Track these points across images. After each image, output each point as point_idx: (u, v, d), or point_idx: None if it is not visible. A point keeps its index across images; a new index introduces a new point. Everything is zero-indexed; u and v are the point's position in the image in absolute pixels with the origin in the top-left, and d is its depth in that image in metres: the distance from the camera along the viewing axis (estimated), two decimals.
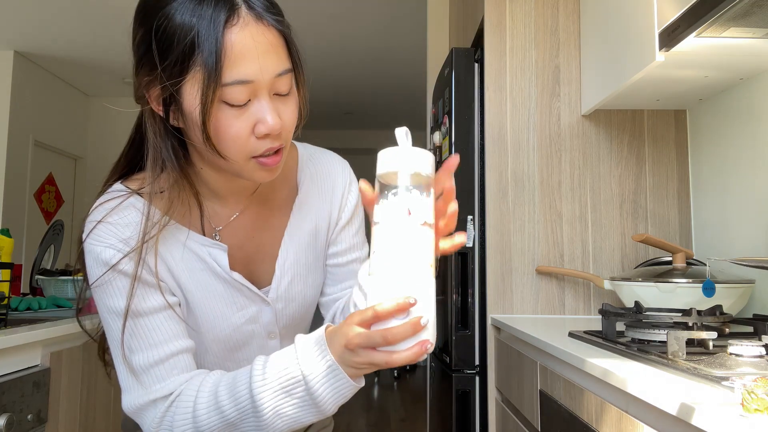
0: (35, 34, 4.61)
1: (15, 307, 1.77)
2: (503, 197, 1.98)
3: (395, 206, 0.71)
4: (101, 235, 0.80)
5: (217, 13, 0.71)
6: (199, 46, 0.71)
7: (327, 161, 0.98)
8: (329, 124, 7.25)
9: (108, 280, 0.80)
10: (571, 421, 1.16)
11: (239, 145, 0.75)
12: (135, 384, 0.81)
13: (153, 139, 0.79)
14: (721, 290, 1.48)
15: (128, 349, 0.80)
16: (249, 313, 0.90)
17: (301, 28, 0.83)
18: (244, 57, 0.72)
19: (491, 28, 2.03)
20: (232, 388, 0.77)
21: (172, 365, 0.81)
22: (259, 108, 0.75)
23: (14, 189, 4.97)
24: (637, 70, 1.50)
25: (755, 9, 1.13)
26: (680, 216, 1.98)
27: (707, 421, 0.69)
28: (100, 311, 0.83)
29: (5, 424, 1.29)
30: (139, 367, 0.80)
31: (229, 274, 0.87)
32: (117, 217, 0.81)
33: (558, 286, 1.95)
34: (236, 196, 0.90)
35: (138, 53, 0.77)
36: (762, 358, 0.94)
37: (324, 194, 0.96)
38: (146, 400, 0.80)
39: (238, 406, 0.76)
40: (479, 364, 1.99)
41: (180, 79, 0.73)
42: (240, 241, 0.90)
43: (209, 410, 0.77)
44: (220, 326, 0.88)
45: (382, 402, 5.16)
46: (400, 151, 0.72)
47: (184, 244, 0.85)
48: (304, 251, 0.93)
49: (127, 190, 0.84)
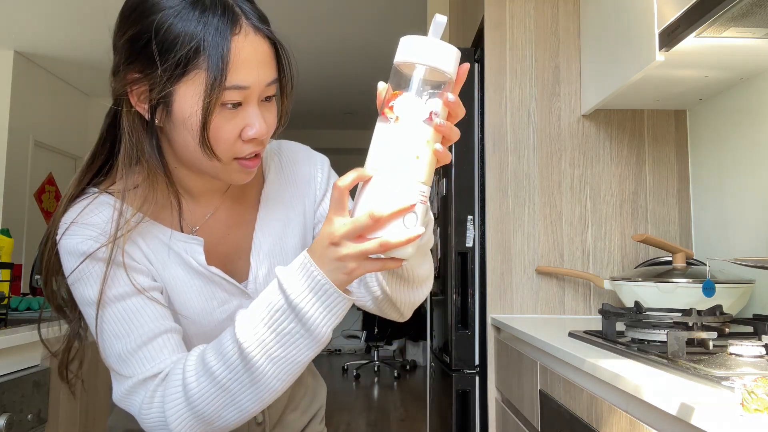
0: (35, 34, 4.61)
1: (15, 307, 1.77)
2: (503, 197, 1.98)
3: (418, 107, 0.67)
4: (77, 232, 0.81)
5: (224, 22, 0.76)
6: (205, 50, 0.75)
7: (291, 149, 1.00)
8: (329, 124, 7.25)
9: (87, 271, 0.80)
10: (571, 421, 1.16)
11: (227, 146, 0.79)
12: (125, 370, 0.79)
13: (129, 137, 0.81)
14: (721, 290, 1.48)
15: (114, 336, 0.80)
16: (231, 307, 0.89)
17: (301, 28, 0.84)
18: (245, 64, 0.76)
19: (491, 27, 2.03)
20: (218, 346, 0.75)
21: (161, 345, 0.80)
22: (250, 113, 0.79)
23: (14, 189, 4.97)
24: (637, 70, 1.50)
25: (755, 9, 1.13)
26: (680, 216, 1.98)
27: (707, 421, 0.69)
28: (81, 306, 0.83)
29: (5, 424, 1.29)
30: (127, 352, 0.79)
31: (207, 269, 0.87)
32: (91, 216, 0.82)
33: (558, 286, 1.95)
34: (209, 195, 0.91)
35: (128, 50, 0.78)
36: (762, 358, 0.94)
37: (291, 182, 0.97)
38: (135, 381, 0.78)
39: (227, 363, 0.73)
40: (479, 364, 1.99)
41: (176, 80, 0.75)
42: (216, 239, 0.91)
43: (198, 376, 0.75)
44: (202, 322, 0.88)
45: (382, 402, 5.16)
46: (432, 43, 0.67)
47: (160, 240, 0.86)
48: (278, 241, 0.94)
49: (98, 190, 0.85)
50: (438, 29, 0.68)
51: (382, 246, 0.67)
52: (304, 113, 6.72)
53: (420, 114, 0.67)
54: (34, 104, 5.25)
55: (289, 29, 4.35)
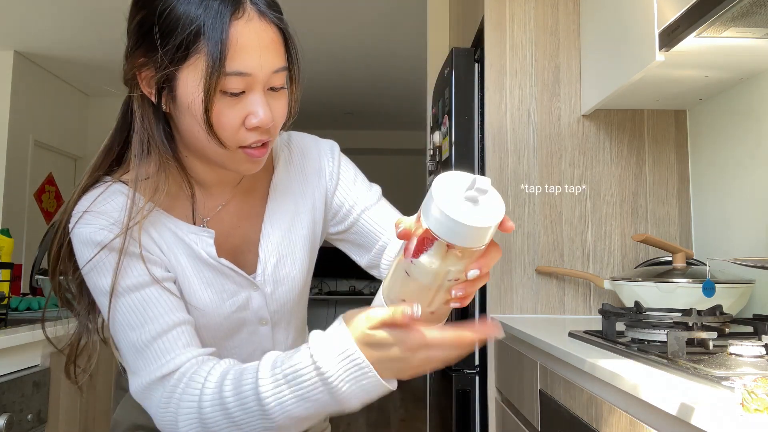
0: (35, 34, 4.61)
1: (15, 307, 1.77)
2: (503, 197, 1.97)
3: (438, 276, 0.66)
4: (90, 221, 0.81)
5: (224, 5, 0.75)
6: (204, 34, 0.74)
7: (300, 139, 1.00)
8: (329, 124, 7.25)
9: (102, 261, 0.80)
10: (571, 421, 1.16)
11: (229, 133, 0.78)
12: (140, 363, 0.79)
13: (140, 123, 0.82)
14: (721, 290, 1.48)
15: (129, 327, 0.79)
16: (239, 300, 0.90)
17: (301, 28, 0.84)
18: (246, 50, 0.75)
19: (491, 28, 2.03)
20: (238, 384, 0.75)
21: (175, 337, 0.80)
22: (253, 101, 0.78)
23: (14, 189, 4.97)
24: (637, 70, 1.50)
25: (755, 9, 1.13)
26: (680, 216, 1.98)
27: (707, 421, 0.69)
28: (96, 296, 0.82)
29: (5, 424, 1.29)
30: (142, 343, 0.79)
31: (217, 260, 0.87)
32: (105, 204, 0.82)
33: (558, 286, 1.95)
34: (220, 187, 0.91)
35: (136, 34, 0.79)
36: (762, 358, 0.94)
37: (303, 173, 0.97)
38: (153, 378, 0.78)
39: (244, 406, 0.74)
40: (479, 364, 1.99)
41: (178, 64, 0.76)
42: (226, 231, 0.91)
43: (213, 405, 0.75)
44: (211, 315, 0.88)
45: (382, 402, 5.15)
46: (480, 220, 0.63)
47: (171, 231, 0.86)
48: (287, 233, 0.94)
49: (111, 179, 0.86)
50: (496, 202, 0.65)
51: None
52: (304, 113, 6.71)
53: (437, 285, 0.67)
54: (34, 104, 5.24)
55: None
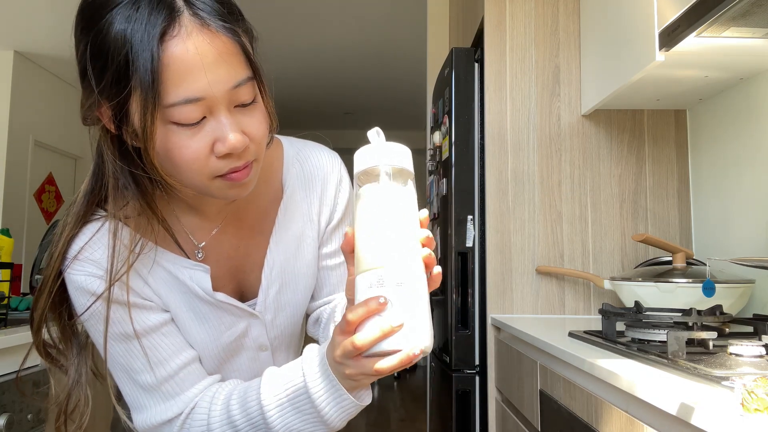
0: (35, 34, 4.61)
1: (15, 307, 1.77)
2: (503, 197, 1.98)
3: (376, 196, 0.64)
4: (81, 269, 0.76)
5: (152, 22, 0.61)
6: (133, 63, 0.61)
7: (315, 157, 0.90)
8: (329, 124, 7.25)
9: (98, 309, 0.76)
10: (571, 421, 1.16)
11: (198, 167, 0.67)
12: (148, 402, 0.79)
13: (111, 162, 0.71)
14: (721, 290, 1.48)
15: (133, 371, 0.78)
16: (238, 330, 0.87)
17: (301, 28, 0.81)
18: (188, 72, 0.63)
19: (491, 28, 2.03)
20: (243, 401, 0.77)
21: (183, 378, 0.80)
22: (217, 125, 0.66)
23: (14, 189, 4.97)
24: (637, 70, 1.50)
25: (755, 9, 1.13)
26: (680, 216, 1.98)
27: (707, 421, 0.69)
28: (94, 340, 0.80)
29: (5, 424, 1.29)
30: (148, 385, 0.79)
31: (213, 297, 0.82)
32: (94, 250, 0.76)
33: (558, 285, 1.95)
34: (216, 208, 0.84)
35: (78, 69, 0.68)
36: (762, 358, 0.94)
37: (312, 194, 0.89)
38: (162, 419, 0.79)
39: (250, 420, 0.77)
40: (479, 364, 1.99)
41: (125, 99, 0.64)
42: (226, 252, 0.86)
43: (222, 425, 0.78)
44: (209, 347, 0.86)
45: (382, 402, 5.15)
46: (377, 145, 0.66)
47: (164, 268, 0.81)
48: (292, 256, 0.88)
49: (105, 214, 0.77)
50: (375, 137, 0.67)
51: (360, 352, 0.64)
52: (305, 113, 6.71)
53: (380, 205, 0.65)
54: (34, 104, 5.24)
55: (289, 29, 4.34)
